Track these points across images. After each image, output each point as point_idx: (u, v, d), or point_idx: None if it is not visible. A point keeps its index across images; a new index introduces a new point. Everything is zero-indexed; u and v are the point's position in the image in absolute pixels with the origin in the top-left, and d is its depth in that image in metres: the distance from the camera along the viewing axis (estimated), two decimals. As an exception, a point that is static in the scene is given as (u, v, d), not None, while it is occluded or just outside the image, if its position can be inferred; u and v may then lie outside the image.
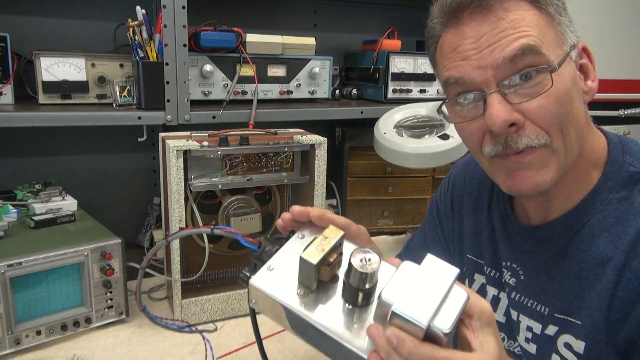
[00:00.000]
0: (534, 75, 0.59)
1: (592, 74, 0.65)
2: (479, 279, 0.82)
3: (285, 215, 0.60)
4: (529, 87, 0.59)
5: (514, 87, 0.60)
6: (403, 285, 0.46)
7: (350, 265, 0.48)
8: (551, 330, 0.68)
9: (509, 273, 0.76)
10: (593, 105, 0.69)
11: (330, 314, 0.50)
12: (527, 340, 0.73)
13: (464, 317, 0.48)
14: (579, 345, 0.64)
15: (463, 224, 0.85)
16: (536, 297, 0.71)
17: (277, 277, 0.53)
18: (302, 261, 0.50)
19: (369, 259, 0.48)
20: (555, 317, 0.68)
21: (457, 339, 0.50)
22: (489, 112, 0.60)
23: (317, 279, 0.51)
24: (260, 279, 0.53)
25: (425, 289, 0.46)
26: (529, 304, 0.73)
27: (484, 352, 0.47)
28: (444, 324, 0.45)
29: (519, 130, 0.60)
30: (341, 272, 0.53)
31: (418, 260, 0.49)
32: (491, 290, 0.80)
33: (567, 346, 0.66)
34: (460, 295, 0.47)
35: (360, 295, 0.49)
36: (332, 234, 0.52)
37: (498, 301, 0.78)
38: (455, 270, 0.48)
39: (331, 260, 0.51)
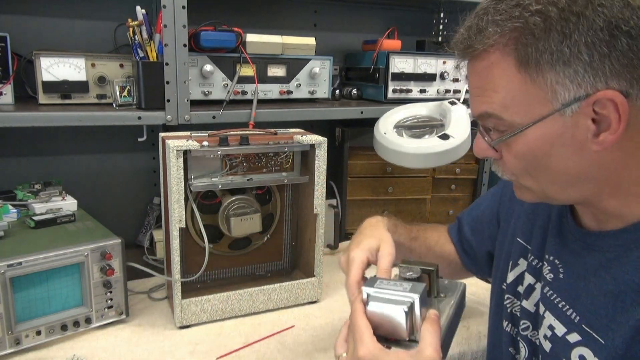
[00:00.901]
0: (494, 133, 0.66)
1: (614, 126, 0.58)
2: (522, 265, 0.82)
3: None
4: (493, 142, 0.66)
5: (490, 131, 0.67)
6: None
7: None
8: (573, 338, 0.68)
9: (549, 267, 0.75)
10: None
11: None
12: (545, 337, 0.73)
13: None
14: None
15: (522, 206, 0.85)
16: (570, 301, 0.70)
17: None
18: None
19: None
20: (583, 328, 0.67)
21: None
22: (474, 141, 0.70)
23: None
24: None
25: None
26: (559, 305, 0.72)
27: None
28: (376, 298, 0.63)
29: (497, 160, 0.69)
30: None
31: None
32: (528, 279, 0.80)
33: (582, 358, 0.66)
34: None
35: None
36: None
37: (532, 290, 0.79)
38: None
39: None
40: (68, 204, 1.20)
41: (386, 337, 0.62)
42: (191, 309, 1.09)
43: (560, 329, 0.70)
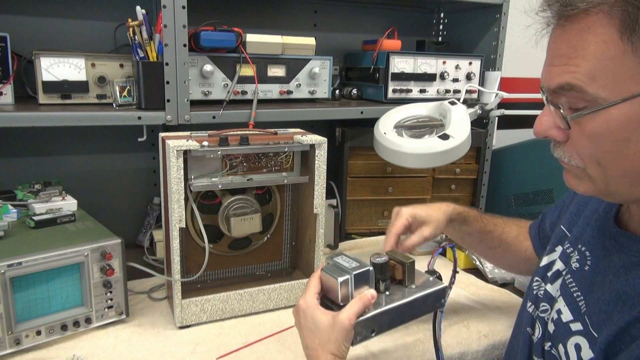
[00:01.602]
0: (567, 110, 0.60)
1: None
2: (558, 252, 0.81)
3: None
4: (569, 116, 0.60)
5: (561, 108, 0.61)
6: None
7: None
8: (576, 326, 0.69)
9: (577, 257, 0.75)
10: None
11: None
12: (552, 319, 0.74)
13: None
14: (587, 354, 0.65)
15: (574, 197, 0.84)
16: (584, 292, 0.71)
17: None
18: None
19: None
20: (585, 320, 0.68)
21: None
22: (537, 118, 0.64)
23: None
24: None
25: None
26: (575, 294, 0.72)
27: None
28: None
29: (559, 142, 0.63)
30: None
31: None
32: (558, 264, 0.79)
33: (577, 347, 0.67)
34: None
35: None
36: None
37: (558, 276, 0.79)
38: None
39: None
40: (68, 204, 1.20)
41: (331, 299, 0.78)
42: (191, 309, 1.09)
43: (566, 316, 0.71)
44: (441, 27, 1.84)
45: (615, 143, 0.58)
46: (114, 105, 1.23)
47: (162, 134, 1.11)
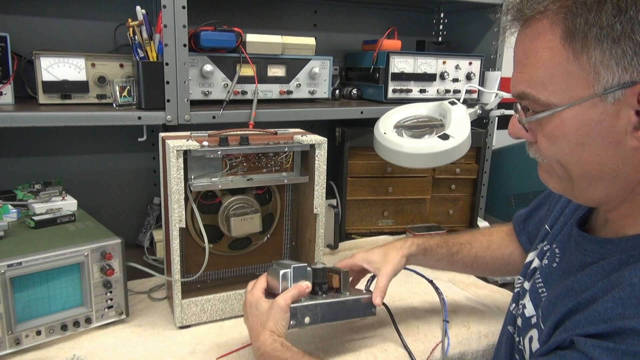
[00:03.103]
0: (529, 112, 0.63)
1: None
2: (538, 250, 0.83)
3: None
4: (524, 120, 0.64)
5: (529, 111, 0.64)
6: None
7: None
8: (533, 320, 0.72)
9: (548, 254, 0.77)
10: None
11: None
12: (519, 314, 0.78)
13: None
14: (535, 345, 0.69)
15: (561, 200, 0.85)
16: (547, 288, 0.73)
17: None
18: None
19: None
20: (539, 312, 0.71)
21: None
22: (510, 120, 0.68)
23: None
24: None
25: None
26: (540, 290, 0.74)
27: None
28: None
29: (531, 144, 0.66)
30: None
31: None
32: (535, 262, 0.81)
33: (530, 339, 0.71)
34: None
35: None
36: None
37: (534, 273, 0.80)
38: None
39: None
40: (68, 204, 1.20)
41: (274, 294, 0.89)
42: (191, 309, 1.09)
43: (529, 310, 0.75)
44: (441, 27, 1.84)
45: (571, 146, 0.60)
46: (114, 105, 1.23)
47: (162, 134, 1.11)
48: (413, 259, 1.04)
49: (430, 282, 1.13)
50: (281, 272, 0.89)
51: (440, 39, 1.84)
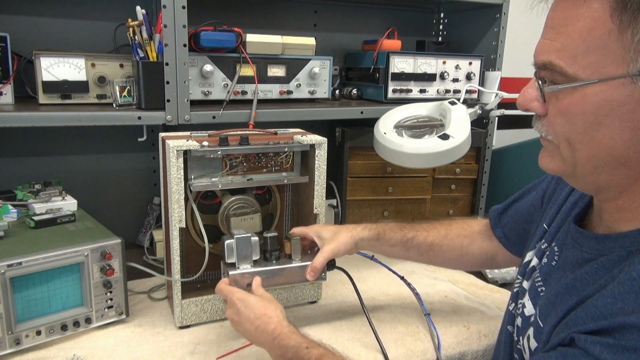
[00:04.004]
0: (547, 84, 0.60)
1: None
2: (536, 249, 0.82)
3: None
4: (546, 88, 0.61)
5: (545, 82, 0.61)
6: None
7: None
8: (532, 318, 0.71)
9: (548, 253, 0.77)
10: None
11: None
12: (519, 314, 0.78)
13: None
14: (533, 344, 0.69)
15: (562, 193, 0.85)
16: (545, 286, 0.73)
17: None
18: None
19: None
20: (537, 310, 0.71)
21: None
22: (522, 89, 0.64)
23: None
24: None
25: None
26: (539, 288, 0.74)
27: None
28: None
29: (539, 116, 0.63)
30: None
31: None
32: (534, 261, 0.80)
33: (528, 338, 0.70)
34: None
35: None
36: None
37: (533, 272, 0.80)
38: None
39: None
40: (68, 204, 1.20)
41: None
42: (191, 309, 1.09)
43: (529, 309, 0.74)
44: (441, 27, 1.84)
45: (587, 124, 0.58)
46: (114, 105, 1.23)
47: (162, 134, 1.11)
48: (366, 243, 1.05)
49: (402, 278, 1.14)
50: (226, 242, 0.99)
51: (440, 39, 1.84)
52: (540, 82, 0.61)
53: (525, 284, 0.80)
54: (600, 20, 0.54)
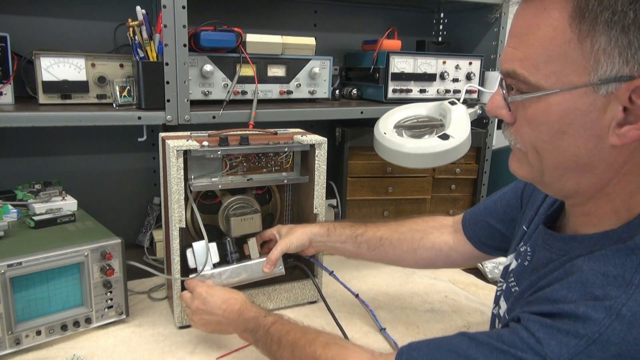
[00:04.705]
0: (513, 92, 0.61)
1: None
2: (517, 251, 0.82)
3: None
4: (509, 98, 0.61)
5: (512, 89, 0.62)
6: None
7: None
8: (504, 313, 0.74)
9: (522, 254, 0.77)
10: None
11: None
12: (497, 315, 0.79)
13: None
14: None
15: (537, 200, 0.85)
16: (519, 285, 0.74)
17: None
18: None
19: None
20: (510, 309, 0.73)
21: None
22: (491, 96, 0.65)
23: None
24: None
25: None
26: (513, 289, 0.75)
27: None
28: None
29: (508, 124, 0.64)
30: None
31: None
32: (513, 264, 0.81)
33: None
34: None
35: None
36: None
37: (511, 273, 0.81)
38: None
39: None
40: (68, 204, 1.20)
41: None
42: (191, 309, 1.09)
43: (504, 309, 0.76)
44: (441, 27, 1.84)
45: (552, 133, 0.58)
46: (114, 105, 1.23)
47: (162, 134, 1.11)
48: (319, 238, 1.10)
49: (356, 296, 1.16)
50: (187, 250, 1.07)
51: (440, 39, 1.84)
52: (506, 91, 0.62)
53: (505, 286, 0.81)
54: (560, 29, 0.54)
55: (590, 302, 0.54)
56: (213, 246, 1.09)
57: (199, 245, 1.08)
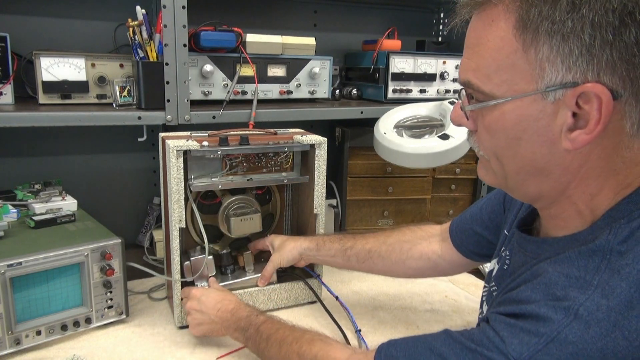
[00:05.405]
0: (473, 100, 0.63)
1: (591, 125, 0.54)
2: (500, 256, 0.83)
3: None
4: (466, 107, 0.64)
5: (473, 99, 0.63)
6: None
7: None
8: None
9: (502, 258, 0.78)
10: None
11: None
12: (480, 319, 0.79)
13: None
14: None
15: (516, 205, 0.85)
16: (499, 288, 0.76)
17: None
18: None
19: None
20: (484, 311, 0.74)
21: None
22: (454, 106, 0.67)
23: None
24: None
25: None
26: (494, 293, 0.76)
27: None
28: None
29: (472, 133, 0.66)
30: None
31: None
32: (495, 268, 0.81)
33: None
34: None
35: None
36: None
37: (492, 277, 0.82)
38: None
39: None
40: (68, 204, 1.20)
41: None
42: (191, 309, 1.09)
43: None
44: (441, 27, 1.84)
45: (509, 140, 0.60)
46: (114, 105, 1.23)
47: (162, 134, 1.11)
48: (309, 253, 1.12)
49: (336, 298, 1.16)
50: (185, 264, 1.09)
51: (440, 39, 1.85)
52: (464, 99, 0.64)
53: (487, 291, 0.82)
54: (506, 39, 0.56)
55: (551, 303, 0.55)
56: (210, 259, 1.12)
57: (196, 259, 1.11)
